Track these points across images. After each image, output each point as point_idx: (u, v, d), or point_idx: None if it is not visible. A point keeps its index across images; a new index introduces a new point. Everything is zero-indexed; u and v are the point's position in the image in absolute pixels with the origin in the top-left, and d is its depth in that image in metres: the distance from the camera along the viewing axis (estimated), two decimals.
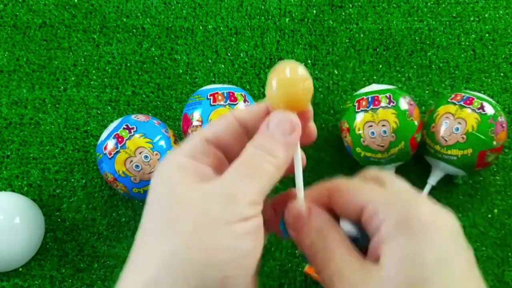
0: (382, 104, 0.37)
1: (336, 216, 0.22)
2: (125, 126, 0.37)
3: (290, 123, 0.20)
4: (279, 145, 0.20)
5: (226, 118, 0.22)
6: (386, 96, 0.38)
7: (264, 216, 0.23)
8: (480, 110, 0.37)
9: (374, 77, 0.47)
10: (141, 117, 0.38)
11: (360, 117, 0.38)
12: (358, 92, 0.41)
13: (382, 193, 0.20)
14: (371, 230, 0.19)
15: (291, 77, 0.20)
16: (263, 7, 0.49)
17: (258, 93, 0.46)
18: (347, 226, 0.21)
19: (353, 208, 0.20)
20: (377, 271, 0.18)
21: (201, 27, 0.48)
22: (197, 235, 0.17)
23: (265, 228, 0.23)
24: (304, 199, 0.22)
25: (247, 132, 0.22)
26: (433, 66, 0.47)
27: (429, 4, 0.50)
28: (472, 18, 0.49)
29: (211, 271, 0.17)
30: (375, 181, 0.22)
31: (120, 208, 0.42)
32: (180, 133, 0.44)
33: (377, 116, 0.37)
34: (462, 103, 0.38)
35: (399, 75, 0.47)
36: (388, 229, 0.18)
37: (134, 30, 0.48)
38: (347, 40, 0.48)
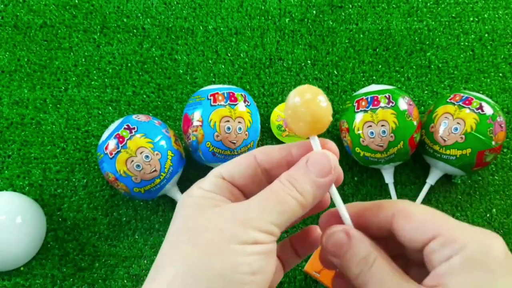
0: (382, 104, 0.38)
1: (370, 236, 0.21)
2: (126, 126, 0.37)
3: (328, 165, 0.20)
4: (310, 184, 0.20)
5: (246, 159, 0.21)
6: (385, 96, 0.38)
7: (283, 256, 0.23)
8: (479, 110, 0.37)
9: (374, 77, 0.47)
10: (142, 117, 0.38)
11: (359, 117, 0.38)
12: (357, 92, 0.41)
13: (456, 225, 0.19)
14: (435, 258, 0.18)
15: (312, 101, 0.20)
16: (263, 8, 0.49)
17: (258, 93, 0.46)
18: None
19: (422, 235, 0.19)
20: None
21: (201, 28, 0.48)
22: (210, 249, 0.18)
23: (283, 265, 0.24)
24: (350, 223, 0.21)
25: (267, 174, 0.22)
26: (432, 66, 0.47)
27: (428, 4, 0.50)
28: (471, 19, 0.49)
29: (219, 284, 0.17)
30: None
31: (121, 207, 0.42)
32: (180, 133, 0.44)
33: (376, 116, 0.37)
34: (461, 103, 0.38)
35: (399, 75, 0.47)
36: (462, 261, 0.18)
37: (135, 31, 0.48)
38: (346, 40, 0.48)
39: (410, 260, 0.21)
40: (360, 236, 0.20)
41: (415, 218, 0.20)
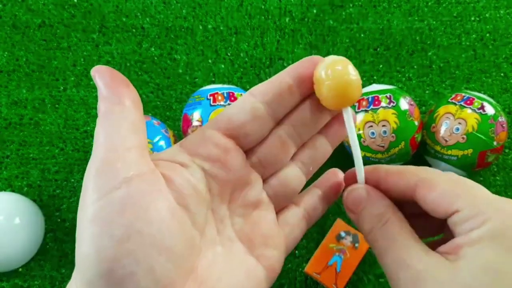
0: (382, 104, 0.37)
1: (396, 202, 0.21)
2: None
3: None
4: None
5: (241, 99, 0.19)
6: (387, 96, 0.38)
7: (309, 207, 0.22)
8: (481, 110, 0.37)
9: (375, 77, 0.47)
10: None
11: (360, 117, 0.38)
12: None
13: (481, 196, 0.18)
14: (457, 230, 0.18)
15: (344, 71, 0.20)
16: (263, 7, 0.49)
17: None
18: None
19: (445, 207, 0.18)
20: (450, 267, 0.17)
21: (201, 27, 0.48)
22: None
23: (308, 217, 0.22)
24: (362, 181, 0.21)
25: (271, 109, 0.19)
26: (433, 66, 0.47)
27: (429, 3, 0.49)
28: (473, 18, 0.49)
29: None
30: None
31: None
32: (180, 133, 0.44)
33: (377, 116, 0.37)
34: (462, 103, 0.38)
35: (400, 75, 0.47)
36: (482, 234, 0.17)
37: (134, 30, 0.48)
38: (347, 40, 0.48)
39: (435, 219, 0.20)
40: (379, 195, 0.20)
41: (437, 189, 0.19)
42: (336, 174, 0.23)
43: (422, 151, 0.41)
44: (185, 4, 0.49)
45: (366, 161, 0.40)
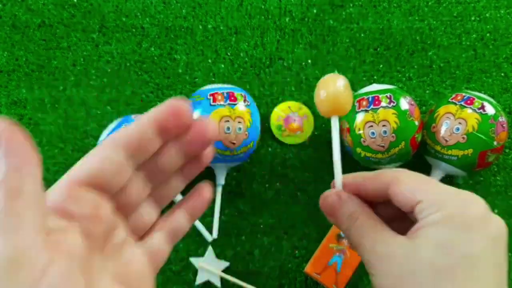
0: (383, 104, 0.37)
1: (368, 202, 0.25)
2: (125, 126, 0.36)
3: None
4: None
5: (102, 150, 0.19)
6: (387, 96, 0.38)
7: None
8: (481, 110, 0.37)
9: (375, 77, 0.47)
10: None
11: (360, 117, 0.38)
12: (358, 92, 0.40)
13: (440, 189, 0.22)
14: (419, 217, 0.21)
15: (337, 89, 0.25)
16: (263, 7, 0.49)
17: (258, 93, 0.46)
18: None
19: (411, 200, 0.22)
20: (411, 247, 0.21)
21: (200, 27, 0.48)
22: None
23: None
24: (341, 188, 0.25)
25: (132, 159, 0.20)
26: (433, 66, 0.47)
27: (430, 3, 0.49)
28: (473, 18, 0.49)
29: None
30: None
31: None
32: None
33: (378, 116, 0.37)
34: (462, 103, 0.38)
35: (400, 75, 0.47)
36: (436, 218, 0.21)
37: (134, 30, 0.48)
38: (347, 40, 0.48)
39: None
40: (349, 197, 0.25)
41: (405, 185, 0.23)
42: (202, 192, 0.24)
43: (422, 151, 0.41)
44: (185, 4, 0.49)
45: (367, 161, 0.40)
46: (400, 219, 0.24)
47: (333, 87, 0.25)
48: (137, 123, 0.20)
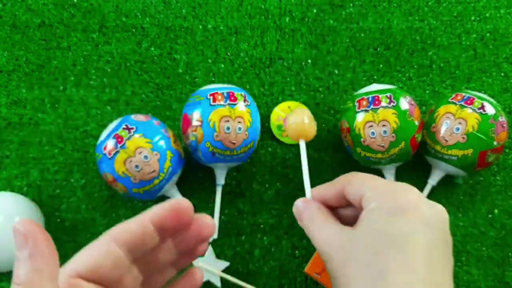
0: (383, 104, 0.37)
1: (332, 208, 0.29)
2: (125, 126, 0.36)
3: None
4: None
5: (104, 246, 0.20)
6: (387, 96, 0.38)
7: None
8: (481, 110, 0.37)
9: (375, 77, 0.47)
10: (141, 117, 0.38)
11: (360, 117, 0.38)
12: (358, 92, 0.40)
13: (378, 184, 0.26)
14: (363, 208, 0.25)
15: (303, 122, 0.33)
16: (263, 6, 0.49)
17: (258, 93, 0.46)
18: None
19: (357, 197, 0.26)
20: (353, 234, 0.25)
21: (200, 27, 0.48)
22: None
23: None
24: (309, 196, 0.30)
25: (130, 255, 0.21)
26: (433, 65, 0.47)
27: (430, 3, 0.49)
28: (473, 18, 0.49)
29: None
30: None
31: (120, 208, 0.42)
32: (180, 133, 0.44)
33: (378, 116, 0.37)
34: (462, 103, 0.38)
35: (400, 75, 0.47)
36: (374, 206, 0.25)
37: (134, 30, 0.48)
38: (347, 40, 0.48)
39: None
40: (310, 202, 0.29)
41: (354, 184, 0.27)
42: (195, 276, 0.25)
43: (422, 151, 0.41)
44: (185, 4, 0.49)
45: (367, 161, 0.40)
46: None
47: (300, 119, 0.33)
48: (139, 221, 0.20)
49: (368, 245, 0.24)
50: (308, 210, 0.29)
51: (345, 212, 0.29)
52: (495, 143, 0.37)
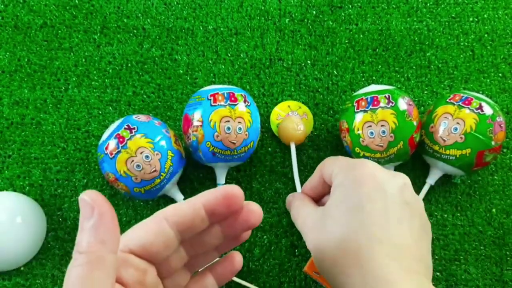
0: (381, 104, 0.38)
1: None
2: (126, 126, 0.37)
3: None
4: None
5: (156, 224, 0.21)
6: (385, 97, 0.38)
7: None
8: (479, 110, 0.37)
9: (373, 78, 0.47)
10: (142, 117, 0.38)
11: (359, 117, 0.38)
12: (357, 93, 0.41)
13: (344, 163, 0.29)
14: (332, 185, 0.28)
15: (293, 127, 0.40)
16: (263, 8, 0.49)
17: (258, 93, 0.46)
18: None
19: (330, 175, 0.29)
20: (322, 209, 0.28)
21: (201, 28, 0.49)
22: None
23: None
24: (299, 191, 0.35)
25: (180, 235, 0.21)
26: (432, 66, 0.47)
27: (428, 4, 0.50)
28: (471, 19, 0.49)
29: None
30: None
31: (121, 207, 0.42)
32: (180, 133, 0.44)
33: (376, 116, 0.37)
34: (460, 103, 0.38)
35: (398, 76, 0.47)
36: (337, 182, 0.28)
37: (135, 31, 0.48)
38: (346, 41, 0.48)
39: None
40: (297, 194, 0.34)
41: (325, 167, 0.30)
42: (233, 261, 0.26)
43: (420, 151, 0.41)
44: (185, 5, 0.49)
45: None
46: None
47: (289, 125, 0.40)
48: (191, 204, 0.21)
49: (334, 218, 0.26)
50: (295, 201, 0.32)
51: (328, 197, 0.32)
52: (493, 143, 0.37)
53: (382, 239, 0.24)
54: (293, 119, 0.39)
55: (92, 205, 0.18)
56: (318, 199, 0.34)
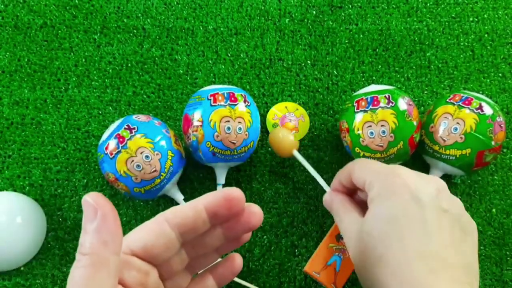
0: (381, 104, 0.38)
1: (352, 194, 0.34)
2: (126, 126, 0.37)
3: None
4: None
5: (158, 226, 0.21)
6: (385, 97, 0.38)
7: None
8: (479, 110, 0.38)
9: (373, 78, 0.47)
10: (142, 117, 0.38)
11: (359, 117, 0.38)
12: (357, 93, 0.41)
13: (376, 171, 0.29)
14: (368, 192, 0.28)
15: (283, 140, 0.39)
16: (263, 8, 0.49)
17: (258, 93, 0.46)
18: None
19: (362, 182, 0.29)
20: (361, 222, 0.28)
21: (201, 28, 0.49)
22: None
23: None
24: (329, 189, 0.35)
25: (181, 237, 0.22)
26: (432, 66, 0.47)
27: (428, 4, 0.50)
28: (471, 19, 0.49)
29: None
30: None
31: (121, 207, 0.42)
32: (180, 133, 0.44)
33: (376, 116, 0.37)
34: (460, 103, 0.38)
35: (398, 76, 0.47)
36: (373, 194, 0.28)
37: (135, 31, 0.48)
38: (346, 41, 0.48)
39: None
40: (335, 194, 0.33)
41: (357, 170, 0.30)
42: (234, 263, 0.26)
43: (420, 151, 0.41)
44: (185, 5, 0.49)
45: None
46: None
47: (287, 136, 0.39)
48: (193, 206, 0.21)
49: (371, 234, 0.26)
50: (336, 202, 0.33)
51: (363, 194, 0.33)
52: (493, 143, 0.37)
53: (422, 252, 0.23)
54: (277, 133, 0.38)
55: (95, 207, 0.18)
56: (351, 193, 0.35)
